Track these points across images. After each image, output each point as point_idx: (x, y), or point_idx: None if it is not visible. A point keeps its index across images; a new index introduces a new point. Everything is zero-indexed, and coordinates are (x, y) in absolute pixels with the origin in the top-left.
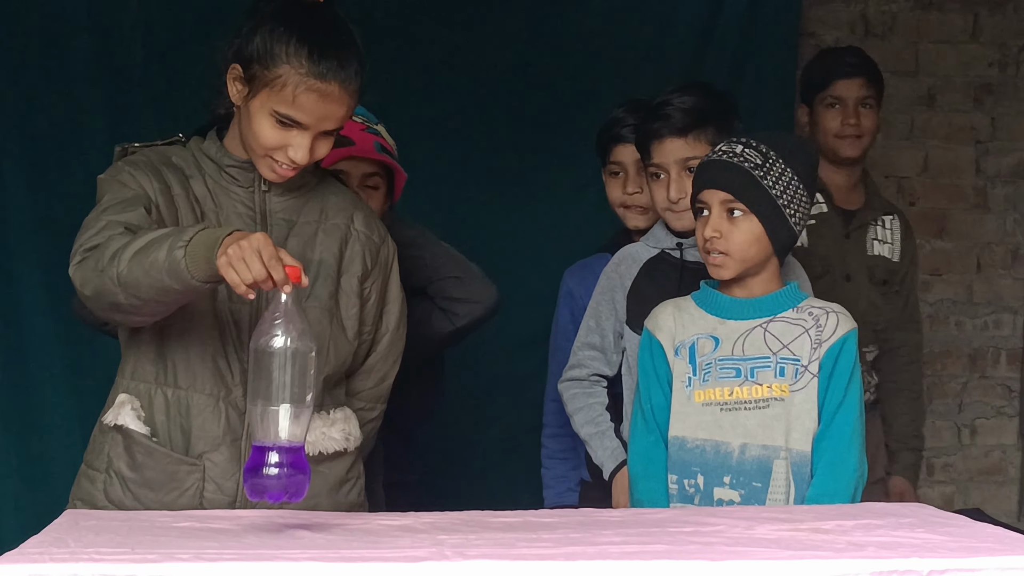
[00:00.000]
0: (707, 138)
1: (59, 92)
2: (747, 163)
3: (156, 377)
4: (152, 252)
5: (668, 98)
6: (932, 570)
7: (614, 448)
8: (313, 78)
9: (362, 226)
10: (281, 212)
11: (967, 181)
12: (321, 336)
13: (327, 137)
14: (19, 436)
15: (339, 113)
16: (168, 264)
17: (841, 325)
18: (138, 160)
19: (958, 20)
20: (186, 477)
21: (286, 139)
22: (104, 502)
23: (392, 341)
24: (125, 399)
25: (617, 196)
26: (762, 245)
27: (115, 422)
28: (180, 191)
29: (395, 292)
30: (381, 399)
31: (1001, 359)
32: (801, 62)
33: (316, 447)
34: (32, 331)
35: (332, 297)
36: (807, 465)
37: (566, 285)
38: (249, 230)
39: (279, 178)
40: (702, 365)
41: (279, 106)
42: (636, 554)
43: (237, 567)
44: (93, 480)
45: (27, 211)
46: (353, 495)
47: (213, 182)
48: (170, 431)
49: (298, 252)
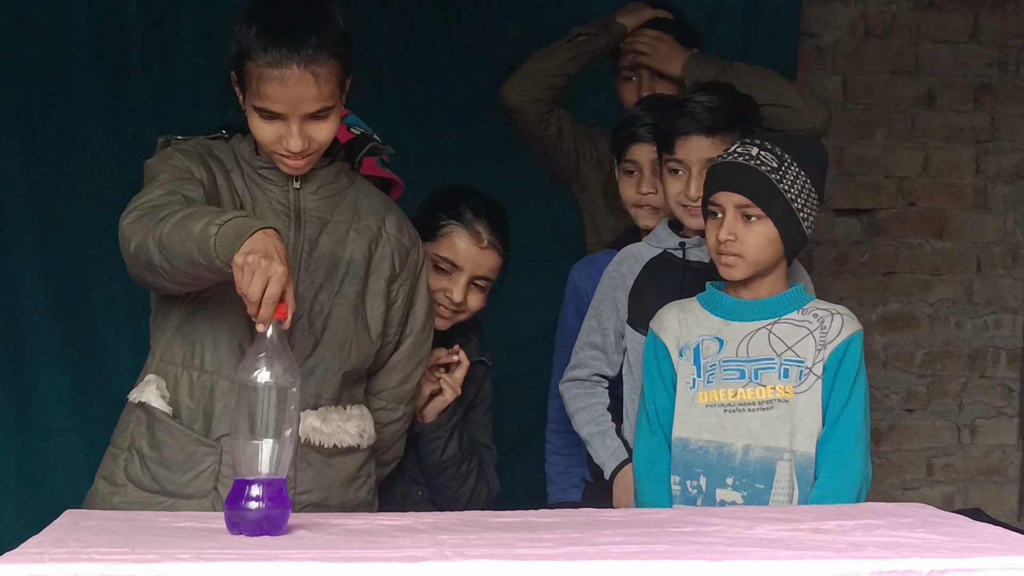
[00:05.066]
0: (732, 140)
1: (59, 92)
2: (764, 166)
3: (183, 360)
4: (192, 223)
5: (693, 95)
6: (932, 570)
7: (615, 448)
8: (267, 67)
9: (393, 229)
10: (315, 210)
11: (967, 181)
12: (345, 332)
13: (320, 119)
14: (19, 436)
15: (311, 94)
16: (200, 238)
17: (846, 327)
18: (186, 148)
19: (958, 20)
20: (203, 458)
21: (276, 131)
22: (123, 479)
23: (417, 343)
24: (152, 379)
25: (631, 195)
26: (776, 248)
27: (139, 399)
28: (223, 182)
29: (423, 295)
30: (404, 400)
31: (1001, 359)
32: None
33: (331, 439)
34: (32, 331)
35: (359, 296)
36: (811, 467)
37: (572, 281)
38: (284, 226)
39: (294, 170)
40: (706, 366)
41: (255, 101)
42: (636, 554)
43: (237, 567)
44: (116, 457)
45: (27, 211)
46: (363, 492)
47: (250, 179)
48: (193, 413)
49: (329, 250)
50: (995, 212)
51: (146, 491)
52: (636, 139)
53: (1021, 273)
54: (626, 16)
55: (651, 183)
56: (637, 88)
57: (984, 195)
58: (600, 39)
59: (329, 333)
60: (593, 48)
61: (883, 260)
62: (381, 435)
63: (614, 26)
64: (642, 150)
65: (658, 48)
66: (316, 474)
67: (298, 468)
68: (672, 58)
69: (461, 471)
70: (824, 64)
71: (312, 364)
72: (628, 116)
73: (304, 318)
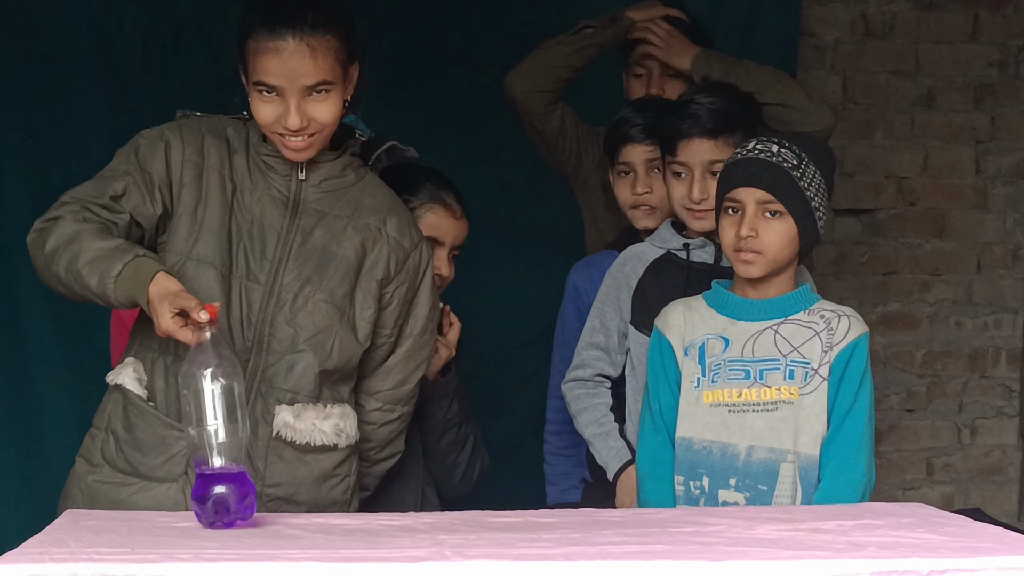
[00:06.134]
0: (734, 142)
1: (59, 92)
2: (785, 163)
3: (160, 345)
4: (86, 271)
5: (695, 97)
6: (932, 570)
7: (618, 448)
8: (265, 39)
9: (394, 231)
10: (314, 203)
11: (967, 181)
12: (327, 331)
13: (319, 97)
14: (19, 436)
15: (307, 67)
16: (98, 292)
17: (853, 329)
18: (185, 126)
19: (958, 20)
20: (175, 443)
21: (276, 110)
22: (100, 459)
23: (415, 347)
24: (130, 362)
25: (626, 197)
26: (793, 246)
27: (115, 381)
28: (215, 163)
29: (425, 298)
30: (401, 402)
31: (1001, 359)
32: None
33: (304, 436)
34: (32, 331)
35: (347, 296)
36: (815, 469)
37: (572, 282)
38: (279, 214)
39: (297, 154)
40: (711, 366)
41: (254, 78)
42: (636, 554)
43: (237, 567)
44: (94, 438)
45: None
46: (337, 492)
47: (254, 163)
48: (167, 398)
49: (322, 244)
50: (995, 212)
51: (120, 472)
52: (628, 140)
53: (1021, 273)
54: (635, 11)
55: (646, 183)
56: (646, 84)
57: (984, 195)
58: (607, 32)
59: (310, 329)
60: (600, 41)
61: (883, 260)
62: (377, 434)
63: (622, 19)
64: (635, 151)
65: (669, 42)
66: (287, 468)
67: (269, 461)
68: (682, 53)
69: (461, 433)
70: (824, 64)
71: (291, 360)
72: (619, 119)
73: (286, 308)
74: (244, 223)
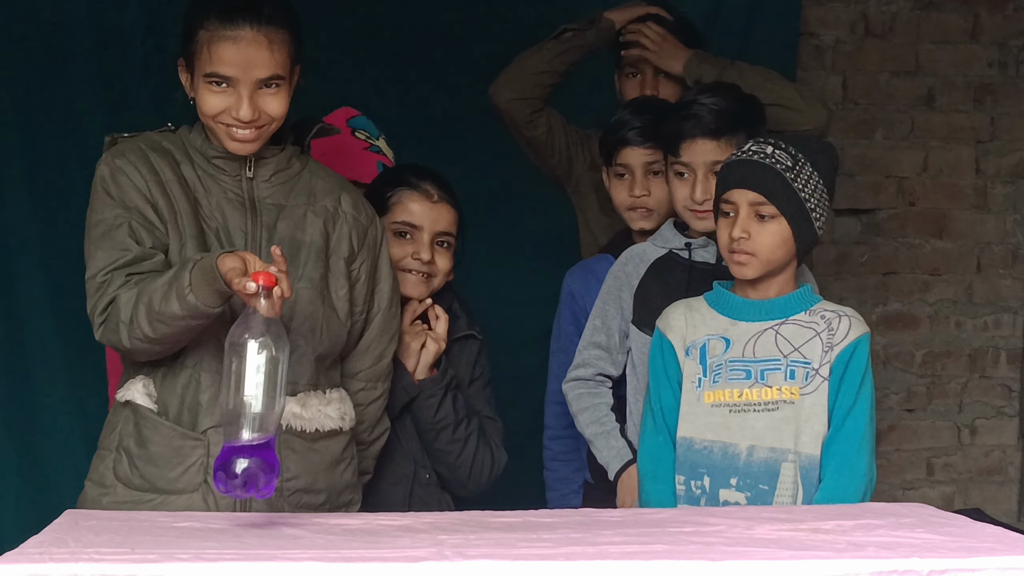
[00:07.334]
0: (737, 142)
1: (59, 92)
2: (779, 164)
3: (167, 357)
4: (165, 306)
5: (697, 97)
6: (932, 570)
7: (620, 448)
8: (221, 28)
9: (349, 207)
10: (269, 197)
11: (967, 181)
12: (314, 316)
13: (271, 91)
14: (19, 436)
15: (263, 58)
16: (186, 311)
17: (853, 329)
18: (126, 149)
19: (958, 20)
20: (191, 452)
21: (226, 101)
22: (112, 480)
23: (385, 319)
24: (138, 378)
25: (623, 199)
26: (788, 248)
27: (125, 398)
28: (171, 176)
29: (385, 271)
30: (381, 378)
31: (1001, 359)
32: (801, 62)
33: (313, 424)
34: (32, 331)
35: (323, 279)
36: (816, 469)
37: (567, 286)
38: (240, 215)
39: (242, 146)
40: (712, 366)
41: (205, 69)
42: (636, 554)
43: (237, 567)
44: (103, 459)
45: (27, 211)
46: (348, 474)
47: (202, 170)
48: (180, 409)
49: (288, 234)
50: (995, 212)
51: (135, 490)
52: (626, 143)
53: (1021, 273)
54: (616, 12)
55: (643, 185)
56: (640, 85)
57: (984, 195)
58: (588, 35)
59: (299, 319)
60: (580, 44)
61: (883, 260)
62: (366, 414)
63: (601, 21)
64: (633, 153)
65: (662, 45)
66: (300, 459)
67: (283, 455)
68: (674, 56)
69: (458, 434)
70: (824, 64)
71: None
72: (616, 121)
73: None
74: (211, 230)
